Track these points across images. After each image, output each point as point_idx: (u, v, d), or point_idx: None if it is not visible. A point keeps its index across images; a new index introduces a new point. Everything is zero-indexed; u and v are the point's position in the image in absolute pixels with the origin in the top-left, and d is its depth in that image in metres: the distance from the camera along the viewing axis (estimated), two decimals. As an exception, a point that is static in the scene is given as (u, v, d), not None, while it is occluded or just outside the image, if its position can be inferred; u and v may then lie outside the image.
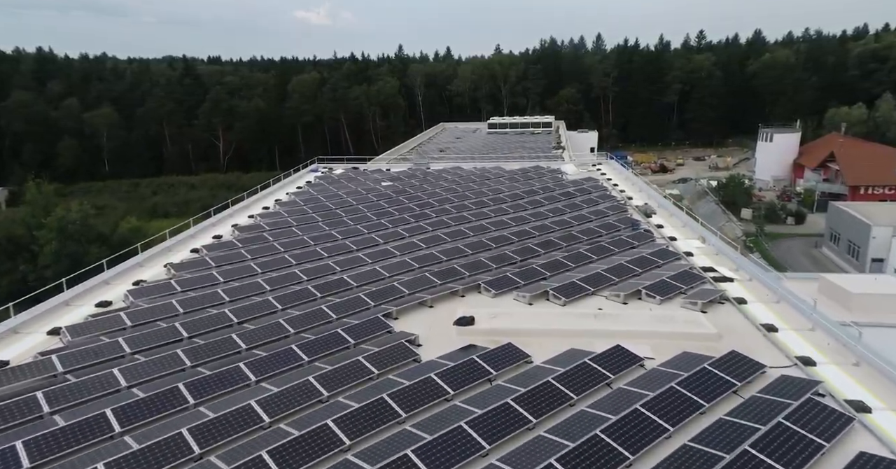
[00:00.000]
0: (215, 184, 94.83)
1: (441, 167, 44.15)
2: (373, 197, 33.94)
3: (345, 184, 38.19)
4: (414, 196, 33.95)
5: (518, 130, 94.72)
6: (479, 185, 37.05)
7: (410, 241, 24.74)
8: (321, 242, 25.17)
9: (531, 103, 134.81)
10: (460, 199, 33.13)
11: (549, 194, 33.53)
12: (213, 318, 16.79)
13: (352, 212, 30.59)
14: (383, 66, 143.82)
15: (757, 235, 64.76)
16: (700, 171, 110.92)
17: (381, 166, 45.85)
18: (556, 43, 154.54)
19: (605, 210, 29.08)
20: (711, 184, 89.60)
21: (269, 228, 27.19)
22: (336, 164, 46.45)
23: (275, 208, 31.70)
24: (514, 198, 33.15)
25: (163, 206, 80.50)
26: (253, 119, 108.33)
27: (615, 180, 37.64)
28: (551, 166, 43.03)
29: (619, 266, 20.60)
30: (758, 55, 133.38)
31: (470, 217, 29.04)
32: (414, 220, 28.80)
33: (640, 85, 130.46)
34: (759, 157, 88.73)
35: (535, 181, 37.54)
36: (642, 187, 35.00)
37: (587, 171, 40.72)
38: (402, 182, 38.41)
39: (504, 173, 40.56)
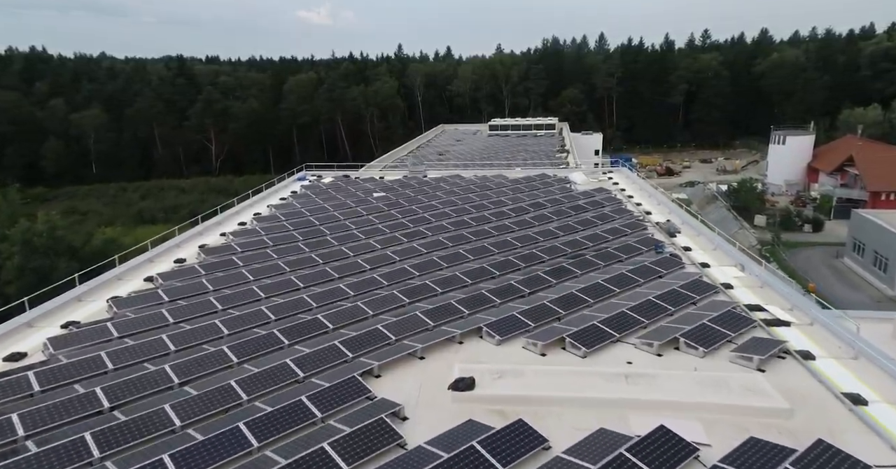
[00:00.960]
0: (206, 188, 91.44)
1: (439, 175, 40.84)
2: (362, 211, 30.63)
3: (333, 194, 34.88)
4: (408, 210, 30.64)
5: (520, 132, 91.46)
6: (479, 196, 33.73)
7: (401, 268, 21.41)
8: (298, 269, 21.85)
9: (533, 104, 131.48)
10: (459, 213, 29.82)
11: (558, 208, 30.20)
12: (146, 378, 13.45)
13: (337, 229, 27.27)
14: (382, 66, 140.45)
15: (773, 244, 61.39)
16: (707, 174, 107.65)
17: (374, 174, 42.55)
18: (559, 42, 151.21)
19: (622, 228, 25.74)
20: (721, 188, 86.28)
21: (240, 250, 23.87)
22: (325, 172, 43.14)
23: (251, 225, 28.39)
24: (519, 212, 29.83)
25: (149, 212, 77.13)
26: (247, 120, 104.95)
27: (629, 191, 34.32)
28: (558, 175, 39.71)
29: (648, 303, 17.27)
30: (765, 55, 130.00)
31: (469, 236, 25.71)
32: (406, 239, 25.48)
33: (644, 85, 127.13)
34: (771, 160, 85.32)
35: (542, 192, 34.21)
36: (661, 199, 31.64)
37: (598, 180, 37.38)
38: (396, 193, 35.11)
39: (507, 183, 37.24)
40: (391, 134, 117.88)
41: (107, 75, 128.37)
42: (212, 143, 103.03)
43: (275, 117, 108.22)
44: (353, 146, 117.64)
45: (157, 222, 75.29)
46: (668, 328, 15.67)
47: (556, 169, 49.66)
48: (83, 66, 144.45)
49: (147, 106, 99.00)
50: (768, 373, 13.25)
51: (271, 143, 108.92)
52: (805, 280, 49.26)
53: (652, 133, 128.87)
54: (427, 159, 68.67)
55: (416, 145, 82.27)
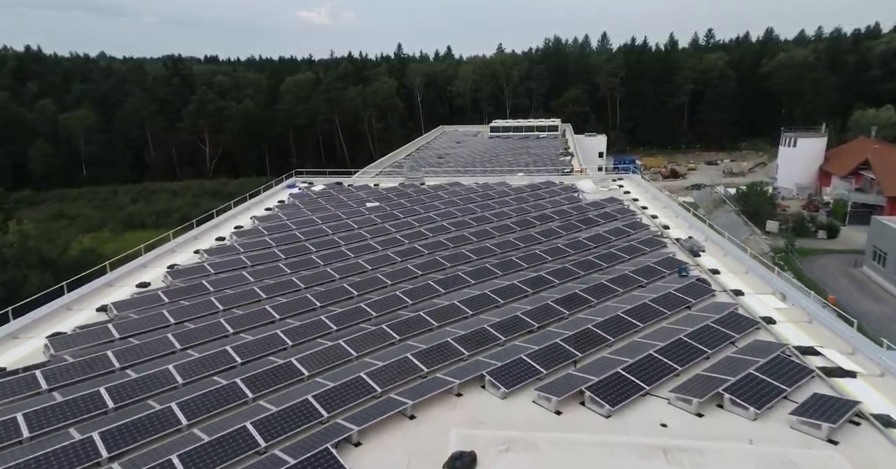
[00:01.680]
0: (199, 191, 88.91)
1: (437, 183, 38.26)
2: (353, 224, 28.05)
3: (322, 204, 32.30)
4: (402, 223, 28.06)
5: (522, 134, 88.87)
6: (480, 207, 31.15)
7: (392, 295, 18.83)
8: (276, 295, 19.28)
9: (535, 105, 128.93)
10: (458, 227, 27.23)
11: (566, 221, 27.60)
12: (63, 453, 10.84)
13: (324, 246, 24.69)
14: (381, 66, 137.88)
15: (786, 251, 58.78)
16: (714, 176, 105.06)
17: (368, 181, 39.96)
18: (561, 42, 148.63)
19: (640, 245, 23.14)
20: (729, 191, 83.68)
21: (213, 272, 21.32)
22: (316, 179, 40.54)
23: (230, 240, 25.83)
24: (524, 226, 27.24)
25: (139, 216, 74.61)
26: (242, 121, 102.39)
27: (642, 201, 31.71)
28: (564, 182, 37.12)
29: (679, 343, 14.70)
30: (771, 55, 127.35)
31: (470, 254, 23.12)
32: (399, 258, 22.90)
33: (648, 85, 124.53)
34: (781, 162, 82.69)
35: (548, 202, 31.61)
36: (678, 211, 29.02)
37: (608, 189, 34.75)
38: (391, 203, 32.53)
39: (510, 192, 34.65)
40: (390, 135, 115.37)
41: (101, 75, 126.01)
42: (206, 145, 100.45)
43: (271, 118, 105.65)
44: (351, 148, 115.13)
45: (148, 227, 72.88)
46: (708, 379, 13.09)
47: (563, 176, 47.10)
48: (78, 65, 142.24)
49: (139, 106, 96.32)
50: (843, 445, 10.68)
51: (267, 144, 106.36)
52: (825, 292, 46.67)
53: (656, 134, 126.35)
54: (426, 162, 66.18)
55: (415, 147, 79.77)
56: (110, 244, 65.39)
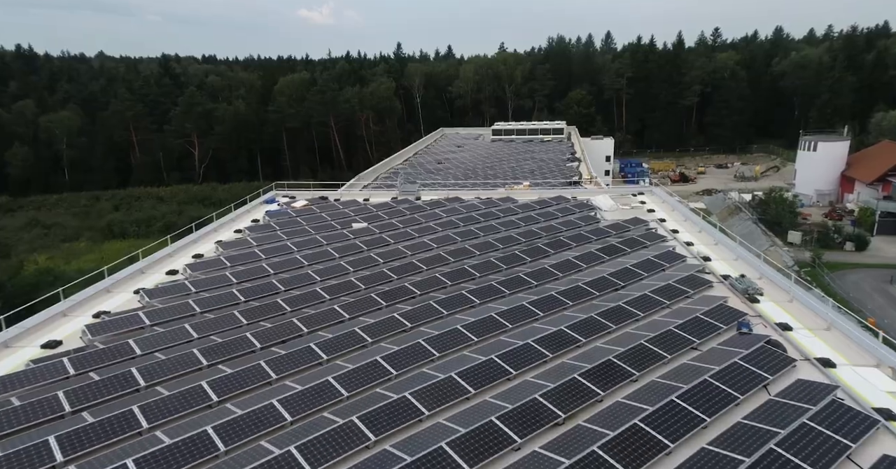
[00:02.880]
0: (186, 197, 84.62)
1: (434, 198, 33.95)
2: (333, 251, 23.76)
3: (301, 225, 28.00)
4: (392, 251, 23.76)
5: (526, 138, 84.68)
6: (483, 229, 26.85)
7: (372, 361, 14.51)
8: (221, 360, 14.98)
9: (538, 106, 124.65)
10: (458, 257, 22.94)
11: (585, 249, 23.28)
12: None
13: (295, 282, 20.41)
14: (379, 66, 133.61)
15: (813, 265, 54.46)
16: (725, 180, 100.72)
17: (357, 196, 35.59)
18: (565, 41, 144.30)
19: (679, 285, 18.83)
20: (744, 197, 79.30)
21: (148, 322, 17.02)
22: (299, 192, 36.20)
23: (183, 273, 21.56)
24: (536, 255, 22.94)
25: (120, 225, 70.26)
26: (232, 124, 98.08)
27: (671, 222, 27.38)
28: (578, 197, 32.83)
29: (771, 458, 10.40)
30: (784, 54, 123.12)
31: (472, 297, 18.80)
32: (385, 302, 18.60)
33: (656, 86, 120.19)
34: (800, 167, 78.32)
35: (561, 223, 27.29)
36: (718, 237, 24.61)
37: (629, 207, 30.37)
38: (380, 223, 28.24)
39: (516, 209, 30.37)
40: (388, 138, 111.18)
41: (90, 75, 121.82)
42: (194, 148, 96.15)
43: (263, 120, 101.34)
44: (347, 151, 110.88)
45: (129, 236, 68.65)
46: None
47: (574, 188, 42.88)
48: (68, 65, 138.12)
49: (124, 108, 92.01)
50: None
51: (259, 148, 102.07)
52: (862, 312, 42.34)
53: (663, 136, 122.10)
54: (424, 169, 61.99)
55: (414, 152, 75.63)
56: (87, 256, 61.27)
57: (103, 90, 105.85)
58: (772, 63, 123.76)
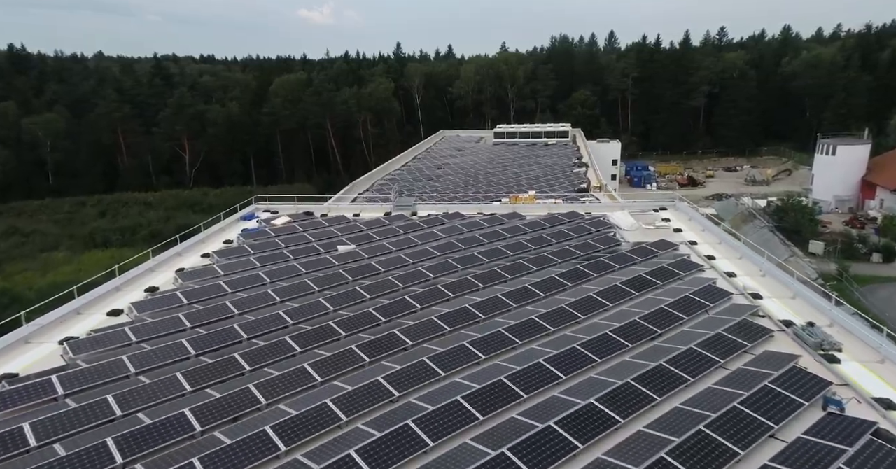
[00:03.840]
0: (176, 202, 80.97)
1: (432, 213, 30.44)
2: (312, 283, 20.23)
3: (279, 248, 24.46)
4: (382, 283, 20.21)
5: (529, 141, 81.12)
6: (488, 253, 23.30)
7: (346, 457, 10.97)
8: (148, 452, 11.42)
9: (540, 107, 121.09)
10: (458, 290, 19.41)
11: (608, 281, 19.71)
12: None
13: (262, 327, 16.86)
14: (378, 66, 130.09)
15: (839, 279, 50.86)
16: (734, 184, 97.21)
17: (347, 210, 32.01)
18: (568, 40, 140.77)
19: (732, 336, 15.28)
20: (758, 203, 75.73)
21: (62, 392, 13.44)
22: (282, 206, 32.58)
23: (128, 314, 18.01)
24: (550, 289, 19.38)
25: (103, 233, 66.64)
26: (225, 126, 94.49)
27: (704, 245, 23.78)
28: (593, 213, 29.30)
29: None
30: (794, 53, 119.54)
31: (475, 351, 15.23)
32: (368, 357, 15.04)
33: (663, 86, 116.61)
34: (817, 172, 74.65)
35: (577, 247, 23.73)
36: (765, 267, 20.93)
37: (654, 226, 26.75)
38: (370, 245, 24.72)
39: (524, 227, 26.84)
40: (386, 140, 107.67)
41: (83, 75, 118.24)
42: (185, 152, 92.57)
43: (256, 122, 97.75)
44: (344, 154, 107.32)
45: (112, 245, 65.07)
46: None
47: (587, 201, 39.38)
48: (60, 65, 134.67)
49: (109, 110, 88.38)
50: None
51: (253, 151, 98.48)
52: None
53: (670, 138, 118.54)
54: (423, 175, 58.53)
55: (413, 156, 72.18)
56: (64, 267, 57.76)
57: (94, 91, 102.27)
58: (781, 63, 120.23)
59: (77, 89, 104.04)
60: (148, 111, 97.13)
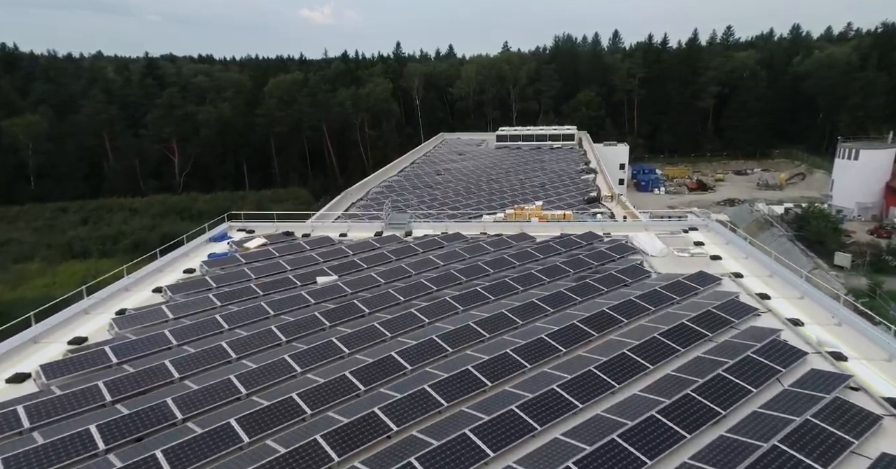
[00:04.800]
0: (163, 208, 77.26)
1: (429, 232, 26.70)
2: (280, 332, 16.46)
3: (246, 280, 20.74)
4: (365, 331, 16.42)
5: (533, 144, 77.41)
6: (492, 288, 19.55)
7: None
8: None
9: (544, 108, 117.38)
10: (459, 342, 15.63)
11: (643, 332, 15.91)
12: None
13: (207, 400, 13.08)
14: (376, 66, 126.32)
15: (871, 295, 47.07)
16: (746, 189, 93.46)
17: (332, 230, 28.21)
18: (573, 40, 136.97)
19: (826, 425, 11.50)
20: (774, 210, 71.97)
21: None
22: (260, 224, 28.78)
23: (36, 380, 14.21)
24: (572, 341, 15.60)
25: (82, 243, 62.89)
26: (216, 128, 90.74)
27: (752, 279, 19.99)
28: (613, 233, 25.58)
29: None
30: (806, 53, 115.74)
31: (483, 447, 11.49)
32: (338, 454, 11.27)
33: (670, 87, 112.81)
34: (838, 178, 70.91)
35: (598, 280, 19.96)
36: (841, 314, 17.15)
37: (689, 253, 22.91)
38: (356, 276, 20.98)
39: (535, 253, 23.11)
40: (385, 143, 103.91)
41: (75, 75, 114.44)
42: (174, 155, 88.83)
43: (250, 124, 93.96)
44: (341, 157, 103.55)
45: (91, 256, 61.38)
46: None
47: (600, 214, 35.76)
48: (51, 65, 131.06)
49: (94, 111, 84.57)
50: None
51: (246, 154, 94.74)
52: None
53: (677, 141, 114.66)
54: (421, 181, 54.87)
55: (411, 160, 68.54)
56: (37, 280, 54.12)
57: (83, 92, 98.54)
58: (792, 62, 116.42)
59: (65, 89, 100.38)
60: (139, 112, 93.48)
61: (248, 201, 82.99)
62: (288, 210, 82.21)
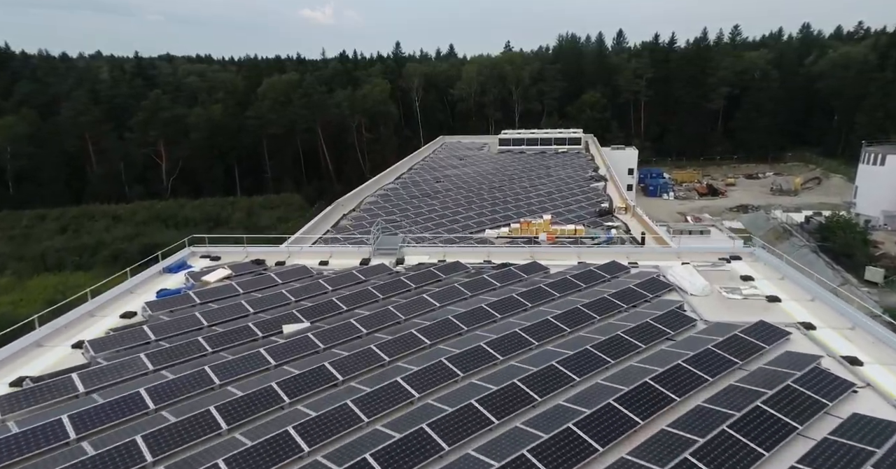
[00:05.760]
0: (148, 215, 73.31)
1: (424, 259, 22.74)
2: (219, 416, 12.45)
3: (198, 328, 16.76)
4: (334, 414, 12.40)
5: (538, 148, 73.51)
6: (501, 344, 15.54)
7: None
8: None
9: (547, 110, 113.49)
10: (457, 435, 11.56)
11: (700, 417, 11.91)
12: None
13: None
14: (375, 66, 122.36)
15: (909, 317, 42.97)
16: (759, 194, 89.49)
17: (311, 257, 24.13)
18: (577, 39, 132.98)
19: None
20: (792, 217, 67.98)
21: None
22: (228, 250, 24.69)
23: None
24: (606, 431, 11.60)
25: (57, 254, 58.95)
26: (206, 130, 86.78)
27: (826, 330, 15.99)
28: (640, 263, 21.60)
29: None
30: (820, 52, 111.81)
31: None
32: None
33: (679, 88, 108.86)
34: (862, 184, 66.87)
35: (631, 331, 15.94)
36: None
37: (742, 295, 18.79)
38: (332, 324, 16.97)
39: (550, 290, 19.11)
40: (382, 146, 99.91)
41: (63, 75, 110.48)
42: (161, 159, 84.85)
43: (241, 126, 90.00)
44: (337, 161, 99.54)
45: (66, 268, 57.49)
46: None
47: (619, 232, 31.92)
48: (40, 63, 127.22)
49: (77, 112, 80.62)
50: None
51: (237, 157, 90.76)
52: None
53: (686, 143, 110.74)
54: (419, 190, 50.95)
55: (409, 166, 64.69)
56: (3, 297, 50.14)
57: (70, 92, 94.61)
58: (804, 62, 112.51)
59: (51, 90, 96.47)
60: (127, 114, 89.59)
61: (239, 207, 79.13)
62: (281, 216, 79.19)
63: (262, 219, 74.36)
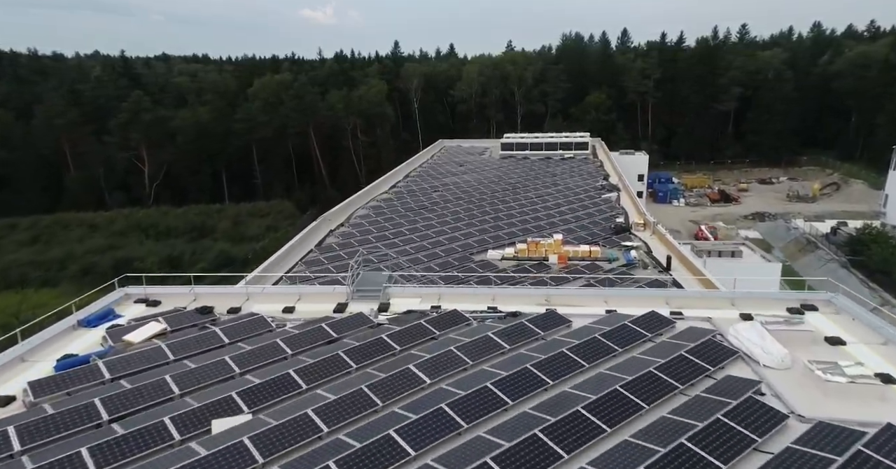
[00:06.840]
0: (127, 225, 68.54)
1: (413, 306, 18.01)
2: None
3: (95, 421, 12.05)
4: None
5: (543, 153, 68.91)
6: (509, 456, 10.82)
7: None
8: None
9: (551, 111, 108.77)
10: None
11: None
12: None
13: None
14: (372, 66, 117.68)
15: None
16: (776, 200, 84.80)
17: (274, 301, 19.28)
18: (581, 38, 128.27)
19: None
20: (816, 227, 63.26)
21: None
22: (170, 290, 19.88)
23: None
24: None
25: (22, 268, 54.24)
26: (192, 134, 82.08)
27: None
28: (685, 312, 16.91)
29: None
30: (836, 51, 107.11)
31: None
32: None
33: (687, 89, 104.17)
34: (892, 192, 62.26)
35: (695, 435, 11.26)
36: None
37: (844, 378, 14.10)
38: (287, 410, 12.23)
39: (575, 357, 14.39)
40: (379, 149, 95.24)
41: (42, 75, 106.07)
42: (144, 164, 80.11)
43: (229, 129, 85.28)
44: (331, 165, 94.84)
45: (30, 285, 52.66)
46: None
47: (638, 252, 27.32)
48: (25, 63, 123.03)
49: (53, 114, 75.89)
50: None
51: (225, 162, 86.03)
52: None
53: (695, 146, 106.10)
54: (414, 201, 46.30)
55: (405, 173, 60.10)
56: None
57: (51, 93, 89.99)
58: (819, 62, 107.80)
59: (31, 90, 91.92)
60: (111, 116, 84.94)
61: (225, 215, 74.48)
62: (270, 224, 74.37)
63: (249, 228, 69.80)
